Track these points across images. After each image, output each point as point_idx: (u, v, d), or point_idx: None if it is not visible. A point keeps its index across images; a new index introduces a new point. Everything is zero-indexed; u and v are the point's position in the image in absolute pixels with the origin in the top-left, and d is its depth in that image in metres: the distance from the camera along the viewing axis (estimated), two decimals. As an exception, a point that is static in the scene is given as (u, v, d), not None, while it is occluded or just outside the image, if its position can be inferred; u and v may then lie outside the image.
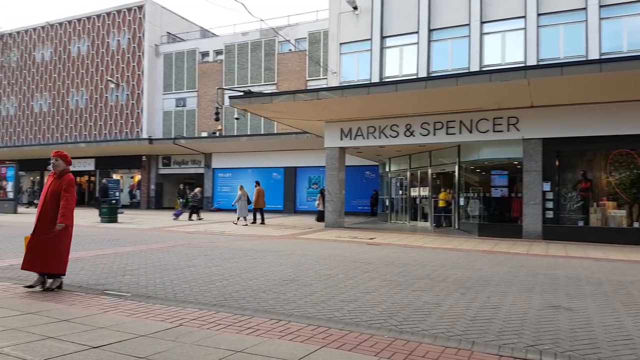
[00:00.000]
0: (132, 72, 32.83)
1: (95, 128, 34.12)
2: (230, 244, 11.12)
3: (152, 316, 4.39)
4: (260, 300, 5.15)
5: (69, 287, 5.69)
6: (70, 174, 5.73)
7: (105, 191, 23.70)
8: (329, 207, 16.81)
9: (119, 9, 33.51)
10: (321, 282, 6.30)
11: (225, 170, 29.72)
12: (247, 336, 3.83)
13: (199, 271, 7.00)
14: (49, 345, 3.41)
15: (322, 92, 14.61)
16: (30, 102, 37.17)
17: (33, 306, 4.62)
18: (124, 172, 33.27)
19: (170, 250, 9.57)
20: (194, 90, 31.81)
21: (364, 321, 4.38)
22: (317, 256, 9.00)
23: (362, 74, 20.06)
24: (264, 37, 29.63)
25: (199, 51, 31.89)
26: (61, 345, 3.43)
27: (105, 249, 9.60)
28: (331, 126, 16.90)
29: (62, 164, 5.63)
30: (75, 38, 35.19)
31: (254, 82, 29.57)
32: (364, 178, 25.79)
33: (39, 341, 3.51)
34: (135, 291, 5.54)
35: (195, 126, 31.60)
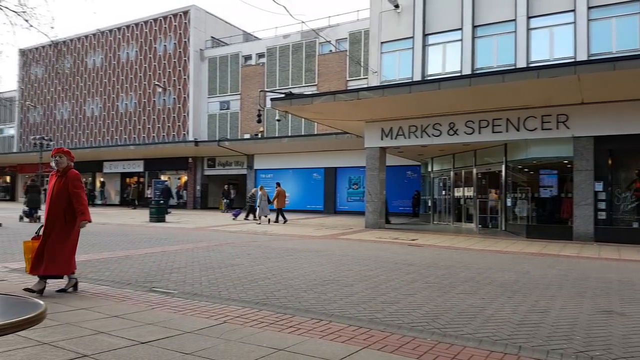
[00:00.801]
0: (178, 77, 33.84)
1: (143, 131, 35.39)
2: (271, 243, 11.26)
3: (197, 313, 4.50)
4: (301, 300, 5.19)
5: (119, 284, 5.92)
6: (74, 169, 5.52)
7: (168, 192, 24.62)
8: (370, 208, 16.72)
9: (165, 15, 34.63)
10: (362, 282, 6.28)
11: (267, 171, 30.12)
12: (289, 335, 3.87)
13: (242, 270, 7.12)
14: (100, 340, 3.56)
15: (363, 92, 14.55)
16: (82, 106, 39.00)
17: (85, 302, 4.84)
18: (172, 174, 34.33)
19: (214, 249, 9.79)
20: (237, 93, 32.43)
21: (406, 323, 4.33)
22: (357, 257, 8.97)
23: (403, 73, 19.84)
24: (305, 38, 29.83)
25: (242, 55, 32.48)
26: (111, 340, 3.58)
27: (153, 247, 9.93)
28: (372, 126, 16.80)
29: (65, 161, 5.44)
30: (124, 44, 36.64)
31: (295, 83, 29.83)
32: (406, 178, 25.48)
33: (91, 336, 3.66)
34: (182, 289, 5.70)
35: (238, 128, 32.21)
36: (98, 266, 7.23)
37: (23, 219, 17.63)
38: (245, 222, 18.98)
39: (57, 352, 3.22)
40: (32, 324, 1.71)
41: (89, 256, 8.34)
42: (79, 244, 10.06)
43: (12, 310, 1.84)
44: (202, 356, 3.26)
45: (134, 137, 35.72)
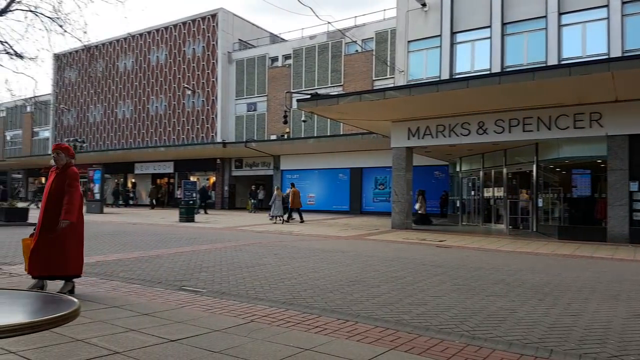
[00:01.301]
0: (206, 79, 34.37)
1: (173, 133, 36.08)
2: (298, 243, 11.31)
3: (225, 312, 4.56)
4: (327, 300, 5.19)
5: (150, 283, 6.05)
6: (74, 167, 5.33)
7: (205, 193, 25.06)
8: (396, 208, 16.60)
9: (193, 19, 35.22)
10: (389, 284, 6.24)
11: (293, 172, 30.27)
12: (316, 335, 3.88)
13: (268, 269, 7.18)
14: (132, 338, 3.64)
15: (389, 91, 14.47)
16: (114, 109, 40.02)
17: (117, 300, 4.97)
18: (200, 174, 34.88)
19: (242, 248, 9.90)
20: (263, 94, 32.71)
21: (434, 325, 4.28)
22: (384, 258, 8.92)
23: (431, 72, 19.64)
24: (331, 39, 29.86)
25: (269, 56, 32.75)
26: (142, 337, 3.66)
27: (183, 247, 10.11)
28: (398, 126, 16.68)
29: (64, 157, 5.23)
30: (154, 48, 37.44)
31: (320, 84, 29.88)
32: (433, 178, 25.19)
33: (123, 333, 3.76)
34: (211, 287, 5.79)
35: (265, 129, 32.49)
36: (129, 265, 7.40)
37: None
38: (282, 223, 19.11)
39: (90, 349, 3.32)
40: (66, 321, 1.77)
41: (120, 255, 8.56)
42: (113, 244, 10.35)
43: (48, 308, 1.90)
44: (230, 354, 3.30)
45: (164, 138, 36.45)
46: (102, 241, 10.87)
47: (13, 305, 2.02)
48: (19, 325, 1.70)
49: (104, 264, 7.43)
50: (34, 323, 1.73)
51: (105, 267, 7.12)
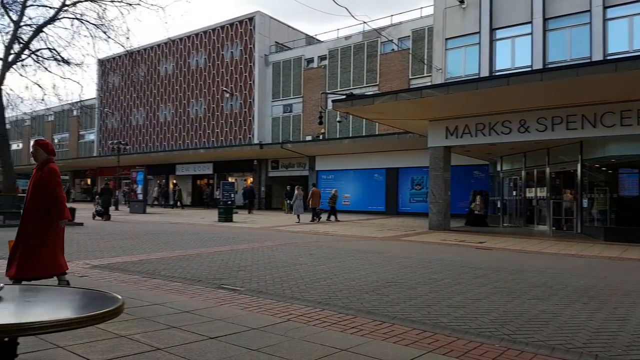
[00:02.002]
0: (244, 82, 34.92)
1: (212, 135, 36.85)
2: (333, 244, 11.32)
3: (263, 310, 4.63)
4: (363, 301, 5.17)
5: (190, 281, 6.19)
6: (54, 164, 5.10)
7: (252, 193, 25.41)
8: (434, 209, 16.35)
9: (231, 22, 35.85)
10: (426, 285, 6.16)
11: (328, 173, 30.30)
12: (352, 335, 3.87)
13: (304, 269, 7.23)
14: (172, 334, 3.75)
15: (426, 90, 14.28)
16: (156, 112, 41.24)
17: (159, 297, 5.11)
18: (238, 175, 35.47)
19: (279, 248, 10.00)
20: (299, 96, 32.93)
21: (473, 328, 4.20)
22: (421, 259, 8.81)
23: (469, 69, 19.26)
24: (367, 39, 29.73)
25: (305, 58, 32.95)
26: (183, 334, 3.76)
27: (222, 246, 10.31)
28: (436, 125, 16.41)
29: (42, 154, 5.02)
30: (193, 52, 38.35)
31: (356, 84, 29.80)
32: (472, 178, 24.65)
33: (164, 330, 3.87)
34: (248, 286, 5.88)
35: (300, 130, 32.69)
36: (171, 264, 7.61)
37: (95, 217, 19.41)
38: (324, 223, 19.19)
39: (133, 345, 3.43)
40: (110, 317, 1.83)
41: (162, 254, 8.81)
42: (155, 243, 10.65)
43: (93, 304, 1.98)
44: (267, 353, 3.35)
45: (204, 140, 37.27)
46: (145, 240, 11.22)
47: (61, 301, 2.11)
48: (67, 320, 1.78)
49: (146, 263, 7.67)
50: (81, 319, 1.80)
51: (148, 266, 7.34)
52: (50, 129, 52.99)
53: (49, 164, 4.98)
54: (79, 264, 7.32)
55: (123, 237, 12.10)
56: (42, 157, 4.98)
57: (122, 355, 3.19)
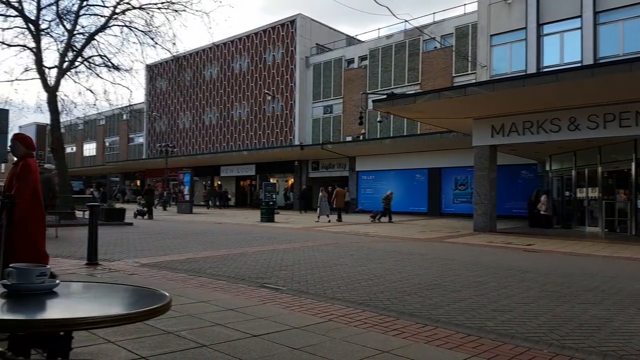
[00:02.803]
0: (285, 84, 35.30)
1: (255, 137, 37.48)
2: (374, 245, 11.26)
3: (304, 310, 4.66)
4: (405, 303, 5.12)
5: (234, 279, 6.32)
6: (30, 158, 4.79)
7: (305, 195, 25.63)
8: (479, 210, 15.94)
9: (273, 26, 36.33)
10: (470, 289, 6.02)
11: (369, 173, 30.13)
12: (393, 337, 3.84)
13: (345, 270, 7.22)
14: (217, 331, 3.84)
15: (471, 87, 13.97)
16: (201, 115, 42.35)
17: (205, 295, 5.25)
18: (279, 176, 35.89)
19: (319, 248, 10.05)
20: (339, 97, 32.95)
21: (520, 333, 4.07)
22: (465, 261, 8.62)
23: (515, 66, 18.70)
24: (408, 37, 29.38)
25: (345, 59, 32.94)
26: (227, 331, 3.84)
27: (264, 246, 10.47)
28: (480, 123, 16.00)
29: (20, 147, 4.73)
30: (237, 56, 39.13)
31: (397, 84, 29.50)
32: (520, 178, 23.87)
33: (209, 327, 3.97)
34: (290, 285, 5.94)
35: (340, 131, 32.69)
36: (216, 262, 7.79)
37: (137, 216, 20.52)
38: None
39: (180, 341, 3.54)
40: (158, 314, 1.90)
41: (208, 253, 9.03)
42: (201, 242, 10.94)
43: (143, 301, 2.06)
44: (309, 352, 3.37)
45: (247, 142, 37.95)
46: (191, 240, 11.55)
47: (112, 297, 2.21)
48: (118, 316, 1.86)
49: (193, 261, 7.89)
50: (130, 315, 1.88)
51: (194, 264, 7.55)
52: (101, 133, 55.37)
53: (26, 159, 4.71)
54: (128, 262, 7.62)
55: (170, 236, 12.49)
56: (20, 151, 4.74)
57: (169, 351, 3.30)
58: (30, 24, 17.41)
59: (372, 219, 20.13)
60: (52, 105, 17.89)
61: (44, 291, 1.86)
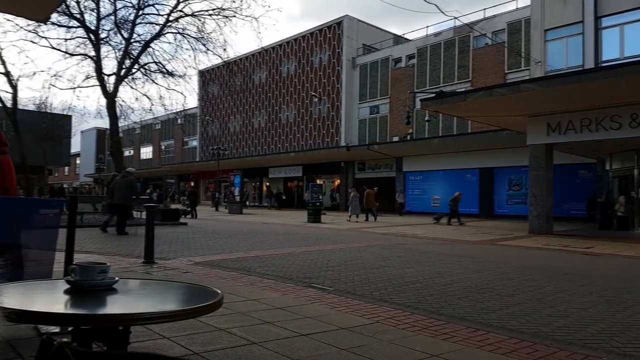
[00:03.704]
0: (331, 86, 35.42)
1: (302, 138, 37.84)
2: (422, 247, 11.08)
3: (351, 311, 4.66)
4: (455, 307, 5.01)
5: (282, 279, 6.41)
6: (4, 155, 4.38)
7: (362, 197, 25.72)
8: (534, 212, 15.33)
9: (320, 28, 36.55)
10: (525, 293, 5.81)
11: (416, 174, 29.65)
12: (443, 341, 3.77)
13: (392, 272, 7.16)
14: (266, 329, 3.91)
15: (524, 84, 13.48)
16: (251, 119, 43.23)
17: (254, 293, 5.36)
18: (326, 177, 36.03)
19: (366, 249, 10.01)
20: (386, 97, 32.66)
21: (577, 339, 3.89)
22: (519, 265, 8.32)
23: (572, 61, 17.87)
24: (458, 34, 28.74)
25: (392, 58, 32.63)
26: (276, 330, 3.91)
27: (311, 246, 10.55)
28: (535, 121, 15.38)
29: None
30: (285, 59, 39.67)
31: (446, 82, 28.90)
32: (578, 178, 22.75)
33: (259, 325, 4.04)
34: (337, 286, 5.95)
35: (387, 131, 32.40)
36: (265, 262, 7.94)
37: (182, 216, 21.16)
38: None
39: (230, 338, 3.63)
40: (210, 311, 1.96)
41: (257, 252, 9.21)
42: (251, 242, 11.16)
43: (196, 298, 2.14)
44: (356, 353, 3.37)
45: (294, 144, 38.37)
46: (241, 239, 11.82)
47: (167, 294, 2.30)
48: (172, 312, 1.94)
49: (243, 260, 8.07)
50: (184, 311, 1.95)
51: (244, 263, 7.73)
52: (157, 137, 57.59)
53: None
54: (183, 261, 7.90)
55: (222, 236, 12.83)
56: None
57: (220, 348, 3.39)
58: (90, 34, 18.41)
59: (436, 221, 19.42)
60: (111, 110, 18.84)
61: (104, 287, 1.97)
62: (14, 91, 22.54)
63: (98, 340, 1.90)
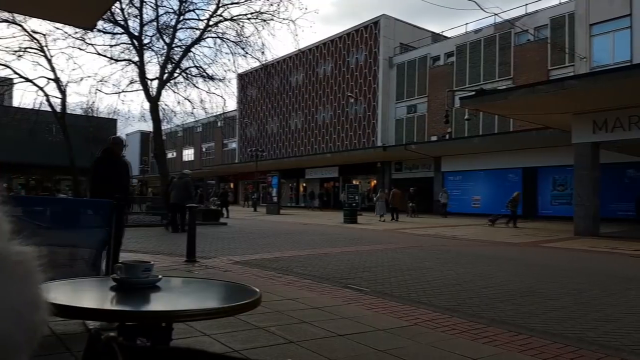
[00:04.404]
0: (368, 86, 35.27)
1: (338, 139, 37.86)
2: (462, 248, 10.87)
3: (388, 312, 4.63)
4: (496, 310, 4.90)
5: (319, 279, 6.44)
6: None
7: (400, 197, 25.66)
8: (580, 213, 14.76)
9: (357, 29, 36.47)
10: (569, 297, 5.61)
11: (455, 174, 29.05)
12: (484, 345, 3.70)
13: (431, 274, 7.06)
14: (304, 329, 3.94)
15: (569, 81, 13.04)
16: (288, 120, 43.63)
17: (292, 293, 5.41)
18: (362, 178, 35.88)
19: (403, 251, 9.91)
20: (424, 96, 32.23)
21: (626, 345, 3.73)
22: (564, 268, 8.04)
23: (619, 56, 17.13)
24: (498, 31, 28.04)
25: (430, 56, 32.18)
26: (313, 329, 3.93)
27: (348, 247, 10.55)
28: (580, 118, 14.81)
29: None
30: (321, 61, 39.82)
31: (486, 79, 28.24)
32: (626, 177, 21.72)
33: (296, 324, 4.08)
34: (373, 287, 5.93)
35: (425, 131, 31.95)
36: (302, 262, 8.00)
37: None
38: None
39: (269, 337, 3.69)
40: (249, 309, 2.00)
41: (295, 252, 9.29)
42: (288, 241, 11.29)
43: (235, 296, 2.18)
44: (394, 355, 3.35)
45: (330, 145, 38.44)
46: (279, 239, 11.96)
47: (208, 292, 2.36)
48: (213, 309, 1.99)
49: (280, 260, 8.16)
50: (224, 308, 2.00)
51: (282, 263, 7.81)
52: (199, 139, 58.96)
53: None
54: (223, 260, 8.07)
55: (260, 236, 13.02)
56: None
57: (259, 346, 3.45)
58: (134, 40, 19.08)
59: (491, 223, 18.69)
60: (154, 114, 19.45)
61: (148, 285, 2.04)
62: (63, 96, 23.63)
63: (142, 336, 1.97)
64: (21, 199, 5.65)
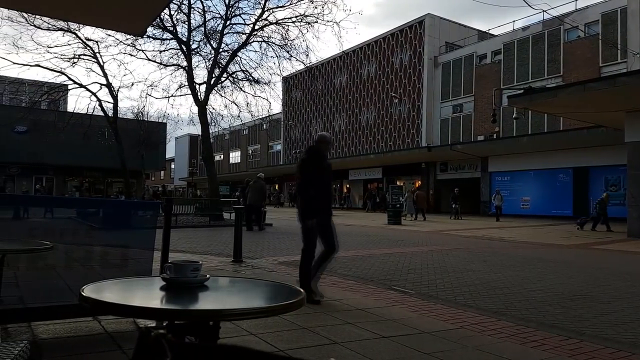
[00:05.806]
0: (412, 86, 34.87)
1: (382, 140, 37.63)
2: (510, 250, 10.58)
3: (434, 315, 4.60)
4: (545, 314, 4.77)
5: (363, 280, 6.45)
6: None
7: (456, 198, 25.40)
8: (633, 214, 14.02)
9: (401, 29, 36.16)
10: (622, 300, 5.38)
11: (503, 174, 28.18)
12: (532, 349, 3.62)
13: (477, 276, 6.93)
14: (348, 330, 3.98)
15: (621, 78, 12.43)
16: (332, 122, 43.77)
17: (336, 294, 5.46)
18: (406, 179, 35.45)
19: (449, 253, 9.76)
20: (470, 95, 31.52)
21: (686, 355, 3.55)
22: (617, 271, 7.69)
23: (680, 49, 16.11)
24: (547, 28, 27.07)
25: (476, 55, 31.47)
26: (357, 331, 3.97)
27: (392, 248, 10.51)
28: (634, 117, 14.06)
29: None
30: (365, 62, 39.73)
31: (535, 77, 27.31)
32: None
33: (341, 325, 4.13)
34: (418, 289, 5.90)
35: (471, 131, 31.23)
36: (346, 263, 8.03)
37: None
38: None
39: (314, 337, 3.75)
40: (294, 309, 2.05)
41: (338, 253, 9.26)
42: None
43: (281, 296, 2.24)
44: (440, 358, 3.33)
45: (374, 146, 38.25)
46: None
47: (254, 292, 2.43)
48: (259, 309, 2.06)
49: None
50: (270, 308, 2.06)
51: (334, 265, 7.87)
52: (245, 142, 60.08)
53: None
54: (269, 260, 8.24)
55: (303, 238, 13.12)
56: None
57: (304, 346, 3.52)
58: (182, 45, 19.70)
59: (580, 227, 17.53)
60: (202, 117, 20.00)
61: (196, 284, 2.13)
62: (115, 101, 24.69)
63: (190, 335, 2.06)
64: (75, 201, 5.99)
